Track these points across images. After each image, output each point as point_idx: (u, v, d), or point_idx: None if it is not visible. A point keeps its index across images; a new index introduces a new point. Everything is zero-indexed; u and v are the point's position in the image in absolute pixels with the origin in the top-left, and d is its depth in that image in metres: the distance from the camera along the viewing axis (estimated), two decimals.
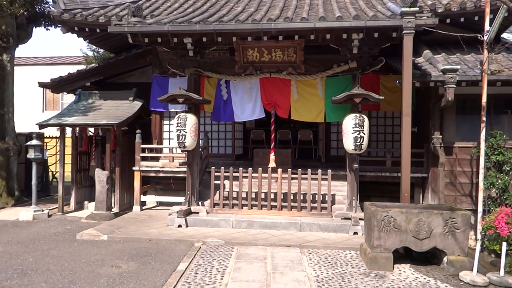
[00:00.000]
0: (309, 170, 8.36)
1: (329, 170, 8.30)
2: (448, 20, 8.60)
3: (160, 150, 10.64)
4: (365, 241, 6.34)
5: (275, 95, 8.53)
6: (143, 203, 10.28)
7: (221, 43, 8.26)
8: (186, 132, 7.93)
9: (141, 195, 10.04)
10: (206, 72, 8.52)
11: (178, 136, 7.98)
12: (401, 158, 6.92)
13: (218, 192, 8.70)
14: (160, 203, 10.53)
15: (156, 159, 10.45)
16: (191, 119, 8.00)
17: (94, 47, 17.36)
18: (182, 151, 8.40)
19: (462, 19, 8.58)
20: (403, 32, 6.70)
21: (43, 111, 20.48)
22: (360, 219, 7.62)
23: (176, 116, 8.06)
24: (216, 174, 8.66)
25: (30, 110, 19.05)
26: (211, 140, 10.79)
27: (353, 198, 8.05)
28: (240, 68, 8.40)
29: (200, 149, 9.36)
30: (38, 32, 47.19)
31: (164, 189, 10.75)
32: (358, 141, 7.46)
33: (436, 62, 8.05)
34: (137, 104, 10.52)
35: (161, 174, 9.89)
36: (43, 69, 20.38)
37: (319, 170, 8.33)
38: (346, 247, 6.76)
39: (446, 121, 8.56)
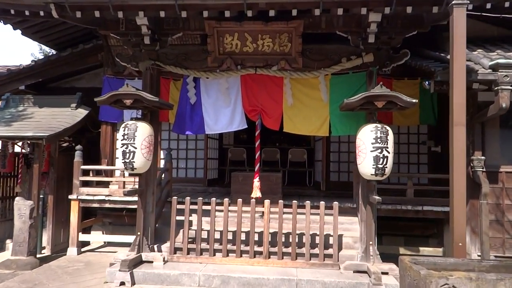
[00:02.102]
0: (307, 202, 6.05)
1: (336, 203, 6.01)
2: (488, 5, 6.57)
3: (110, 173, 8.20)
4: None
5: (261, 98, 6.28)
6: (84, 244, 7.76)
7: (188, 26, 6.05)
8: (135, 148, 5.57)
9: (80, 233, 7.51)
10: (168, 66, 6.22)
11: (124, 153, 5.61)
12: (452, 184, 4.67)
13: (182, 231, 6.29)
14: (109, 242, 8.00)
15: (105, 184, 8.00)
16: (143, 129, 5.65)
17: (48, 49, 14.90)
18: (130, 174, 6.01)
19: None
20: (453, 2, 4.57)
21: None
22: (382, 273, 5.33)
23: (122, 126, 5.71)
24: (180, 206, 6.27)
25: None
26: (177, 161, 8.41)
27: (370, 242, 5.75)
28: (215, 62, 6.15)
29: (160, 172, 6.97)
30: None
31: (115, 223, 8.27)
32: (380, 162, 5.23)
33: (478, 57, 5.96)
34: (82, 113, 8.11)
35: (107, 205, 7.41)
36: None
37: (322, 203, 6.02)
38: None
39: (487, 137, 6.45)
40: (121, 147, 5.61)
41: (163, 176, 7.15)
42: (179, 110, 6.45)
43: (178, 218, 6.25)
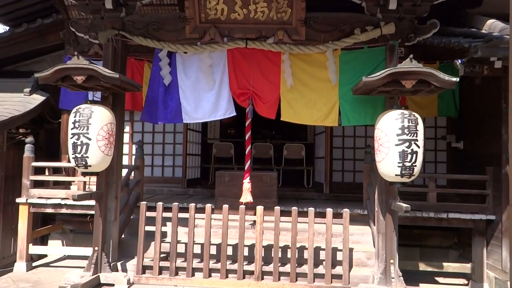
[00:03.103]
0: (311, 209, 4.82)
1: (346, 210, 4.79)
2: None
3: (73, 171, 6.86)
4: None
5: (254, 79, 5.02)
6: (36, 257, 6.44)
7: None
8: (89, 139, 4.27)
9: (31, 244, 6.17)
10: (135, 38, 4.92)
11: (74, 146, 4.30)
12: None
13: (153, 245, 5.01)
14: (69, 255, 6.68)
15: (67, 184, 6.68)
16: (100, 115, 4.36)
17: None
18: (83, 173, 4.71)
19: None
20: None
21: None
22: None
23: (73, 111, 4.40)
24: (150, 214, 5.00)
25: None
26: (152, 157, 7.12)
27: (391, 261, 4.54)
28: (194, 32, 4.89)
29: (128, 171, 5.69)
30: None
31: (78, 231, 6.96)
32: (408, 159, 4.04)
33: None
34: (37, 100, 6.76)
35: (64, 210, 6.07)
36: None
37: (329, 210, 4.79)
38: None
39: None
40: (71, 137, 4.31)
41: (132, 175, 5.86)
42: (150, 94, 5.14)
43: (149, 228, 4.97)
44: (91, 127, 4.27)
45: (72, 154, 4.33)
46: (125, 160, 6.81)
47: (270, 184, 5.67)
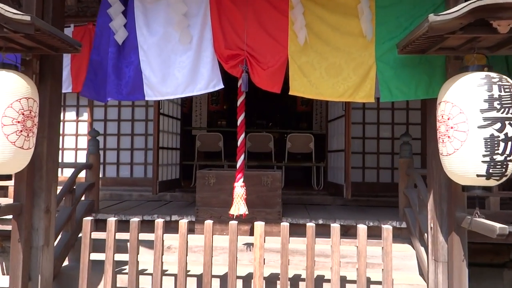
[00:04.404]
0: (335, 226, 3.26)
1: (388, 228, 3.23)
2: None
3: None
4: None
5: (249, 33, 3.41)
6: None
7: None
8: None
9: None
10: None
11: None
12: None
13: (103, 279, 3.42)
14: None
15: None
16: (8, 85, 2.75)
17: None
18: None
19: None
20: None
21: None
22: None
23: None
24: (97, 235, 3.42)
25: None
26: (117, 153, 5.54)
27: None
28: None
29: (73, 172, 4.09)
30: None
31: None
32: (500, 149, 2.48)
33: None
34: None
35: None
36: None
37: (362, 227, 3.23)
38: None
39: None
40: None
41: (84, 178, 4.27)
42: (94, 57, 3.52)
43: (96, 257, 3.39)
44: None
45: None
46: (81, 158, 5.26)
47: (271, 187, 4.11)
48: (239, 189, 3.65)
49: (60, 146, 4.65)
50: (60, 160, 4.41)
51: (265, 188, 4.10)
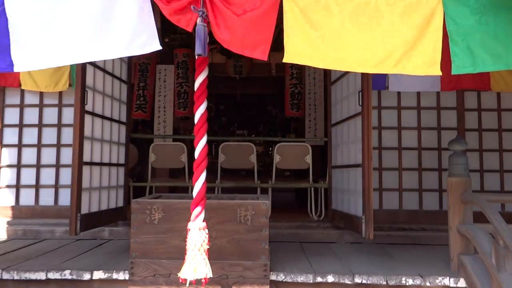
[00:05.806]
0: None
1: None
2: None
3: None
4: None
5: None
6: None
7: None
8: None
9: None
10: None
11: None
12: None
13: None
14: None
15: None
16: None
17: None
18: None
19: None
20: None
21: None
22: None
23: None
24: None
25: None
26: (26, 170, 3.93)
27: None
28: None
29: None
30: None
31: None
32: None
33: None
34: None
35: None
36: None
37: None
38: None
39: None
40: None
41: None
42: None
43: None
44: None
45: None
46: None
47: (253, 225, 2.55)
48: (196, 234, 2.09)
49: None
50: None
51: (243, 227, 2.54)
